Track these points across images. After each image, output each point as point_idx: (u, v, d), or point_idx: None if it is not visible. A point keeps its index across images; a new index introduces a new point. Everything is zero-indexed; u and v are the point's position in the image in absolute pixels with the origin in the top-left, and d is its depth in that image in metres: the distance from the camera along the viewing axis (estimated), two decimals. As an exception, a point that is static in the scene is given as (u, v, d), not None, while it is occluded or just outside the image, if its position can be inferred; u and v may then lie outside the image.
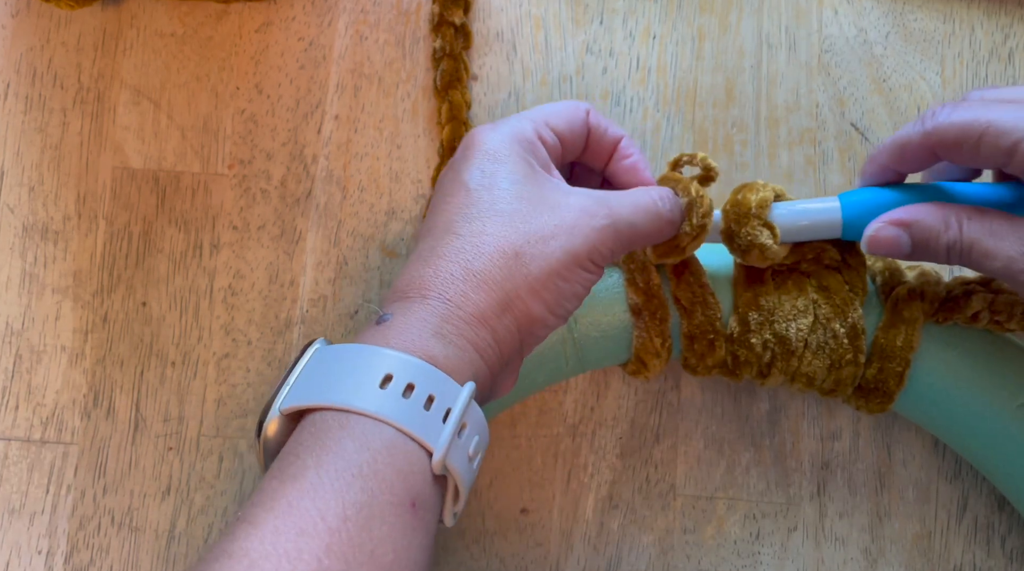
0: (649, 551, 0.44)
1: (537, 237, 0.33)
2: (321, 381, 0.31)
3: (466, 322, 0.32)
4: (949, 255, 0.35)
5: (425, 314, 0.32)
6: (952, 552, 0.43)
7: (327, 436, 0.29)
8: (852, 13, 0.46)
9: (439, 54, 0.45)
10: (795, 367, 0.39)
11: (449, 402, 0.31)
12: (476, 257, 0.33)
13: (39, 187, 0.45)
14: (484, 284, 0.32)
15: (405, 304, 0.32)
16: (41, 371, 0.44)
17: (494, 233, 0.33)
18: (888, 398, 0.39)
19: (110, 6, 0.46)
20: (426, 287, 0.32)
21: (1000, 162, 0.34)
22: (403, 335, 0.31)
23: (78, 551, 0.43)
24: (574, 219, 0.34)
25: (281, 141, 0.45)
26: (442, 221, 0.34)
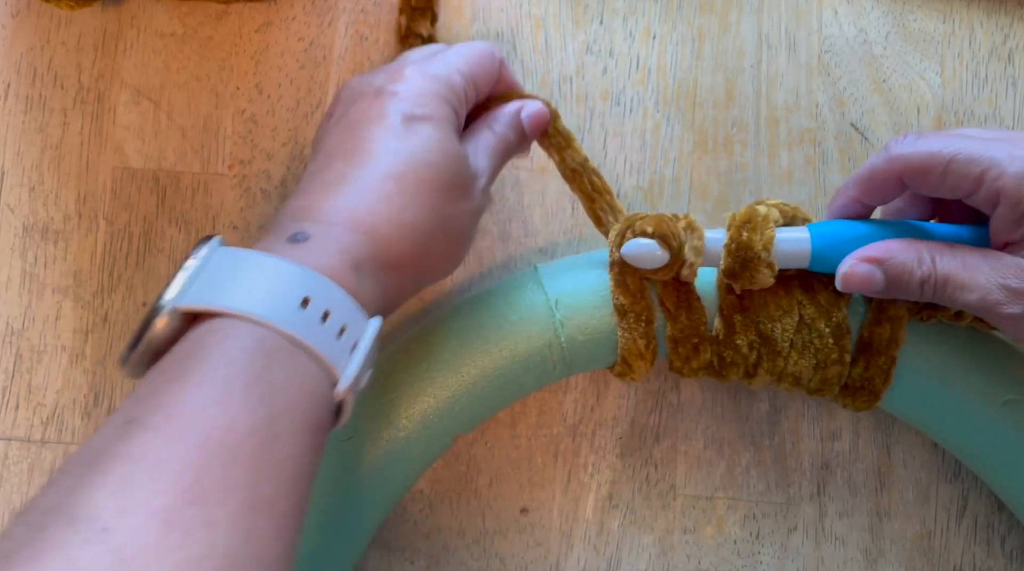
0: (649, 551, 0.44)
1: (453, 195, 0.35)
2: (232, 285, 0.29)
3: (384, 266, 0.32)
4: (923, 290, 0.35)
5: (347, 246, 0.32)
6: (952, 552, 0.43)
7: (237, 345, 0.28)
8: (852, 13, 0.46)
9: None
10: (781, 367, 0.39)
11: (357, 335, 0.31)
12: (408, 206, 0.33)
13: (39, 187, 0.45)
14: (411, 234, 0.33)
15: (324, 229, 0.32)
16: (41, 371, 0.44)
17: (426, 184, 0.34)
18: (875, 396, 0.39)
19: (110, 6, 0.46)
20: (353, 222, 0.32)
21: (966, 191, 0.34)
22: (323, 260, 0.31)
23: (78, 551, 0.43)
24: (472, 178, 0.36)
25: (281, 141, 0.45)
26: (365, 142, 0.34)
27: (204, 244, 0.31)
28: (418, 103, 0.35)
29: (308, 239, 0.31)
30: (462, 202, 0.35)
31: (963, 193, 0.34)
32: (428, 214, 0.33)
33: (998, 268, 0.34)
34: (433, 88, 0.36)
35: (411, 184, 0.33)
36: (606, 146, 0.45)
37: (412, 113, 0.35)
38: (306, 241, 0.31)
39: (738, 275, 0.37)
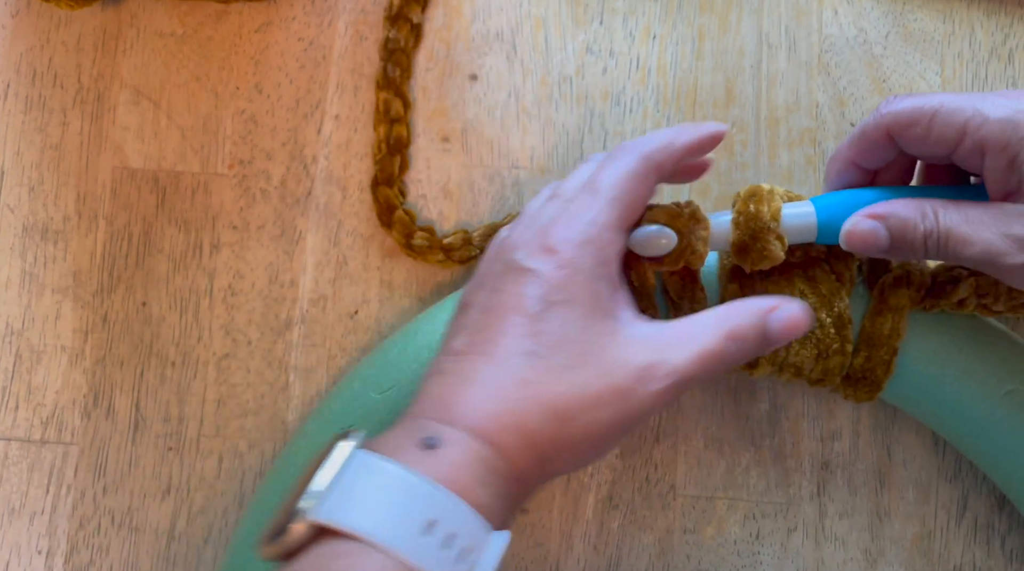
0: (649, 551, 0.44)
1: (590, 403, 0.32)
2: (359, 502, 0.30)
3: (507, 478, 0.31)
4: (927, 245, 0.35)
5: (477, 457, 0.31)
6: (952, 552, 0.43)
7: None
8: (852, 13, 0.46)
9: (391, 46, 0.45)
10: (783, 357, 0.39)
11: (477, 557, 0.30)
12: (534, 414, 0.31)
13: (39, 187, 0.45)
14: (534, 446, 0.31)
15: (455, 434, 0.31)
16: (41, 371, 0.44)
17: (555, 391, 0.32)
18: (876, 386, 0.39)
19: (110, 6, 0.46)
20: (483, 428, 0.31)
21: (951, 141, 0.34)
22: (453, 474, 0.30)
23: (78, 551, 0.43)
24: (628, 384, 0.32)
25: (281, 141, 0.45)
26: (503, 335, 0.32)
27: (344, 441, 0.31)
28: (560, 288, 0.33)
29: (438, 447, 0.31)
30: (603, 411, 0.32)
31: (949, 145, 0.34)
32: (557, 426, 0.31)
33: (1001, 218, 0.34)
34: (583, 263, 0.33)
35: (540, 392, 0.32)
36: (606, 146, 0.45)
37: (552, 299, 0.33)
38: (436, 449, 0.31)
39: (748, 249, 0.37)
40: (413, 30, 0.45)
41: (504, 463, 0.31)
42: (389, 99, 0.44)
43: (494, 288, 0.34)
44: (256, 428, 0.44)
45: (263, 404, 0.44)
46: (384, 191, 0.44)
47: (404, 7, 0.45)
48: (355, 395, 0.40)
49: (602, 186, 0.35)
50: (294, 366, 0.44)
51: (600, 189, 0.35)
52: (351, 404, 0.40)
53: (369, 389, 0.40)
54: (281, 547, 0.30)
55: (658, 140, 0.36)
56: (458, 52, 0.46)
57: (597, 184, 0.35)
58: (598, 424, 0.32)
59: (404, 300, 0.44)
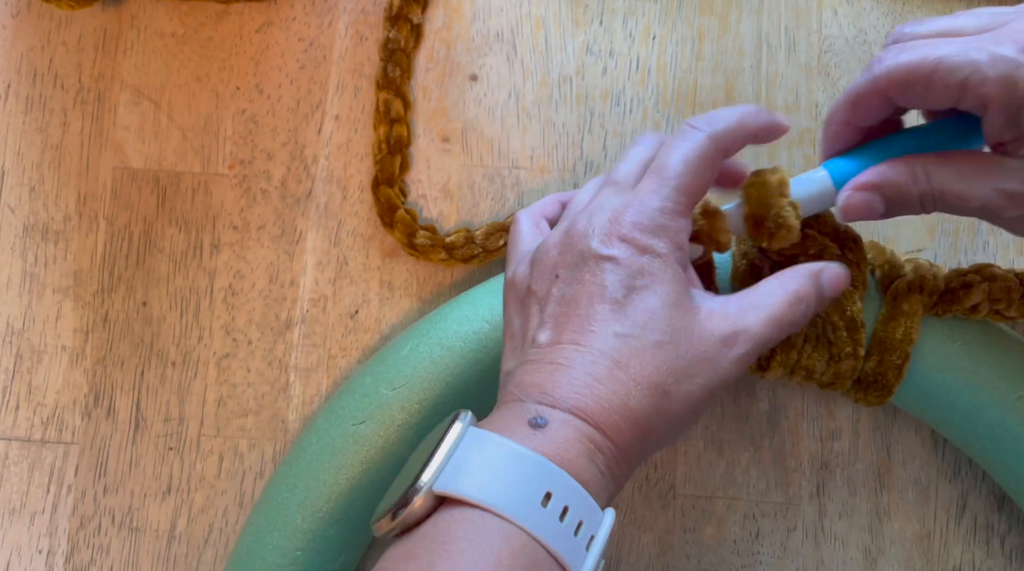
0: (649, 551, 0.44)
1: (683, 373, 0.33)
2: (482, 474, 0.31)
3: (613, 455, 0.32)
4: (924, 205, 0.35)
5: (582, 436, 0.32)
6: (951, 552, 0.43)
7: (485, 543, 0.29)
8: (852, 14, 0.46)
9: (391, 46, 0.45)
10: (794, 360, 0.39)
11: (593, 529, 0.31)
12: (633, 392, 0.33)
13: (40, 187, 0.45)
14: (635, 422, 0.33)
15: (561, 415, 0.32)
16: (42, 371, 0.44)
17: (650, 367, 0.33)
18: (887, 391, 0.39)
19: (110, 6, 0.46)
20: (585, 408, 0.32)
21: (953, 98, 0.34)
22: (562, 450, 0.31)
23: (78, 551, 0.43)
24: (715, 351, 0.34)
25: (281, 141, 0.45)
26: (590, 323, 0.33)
27: (457, 420, 0.32)
28: (639, 271, 0.34)
29: (546, 426, 0.32)
30: (696, 379, 0.33)
31: (950, 101, 0.34)
32: (655, 399, 0.33)
33: (995, 173, 0.34)
34: (654, 245, 0.34)
35: (637, 371, 0.33)
36: (606, 146, 0.45)
37: (633, 284, 0.33)
38: (545, 427, 0.32)
39: (763, 220, 0.37)
40: (413, 30, 0.45)
41: (608, 443, 0.32)
42: (389, 99, 0.44)
43: (571, 279, 0.34)
44: (256, 428, 0.44)
45: (263, 404, 0.44)
46: (385, 191, 0.44)
47: (404, 7, 0.45)
48: (367, 391, 0.40)
49: (670, 170, 0.35)
50: (294, 366, 0.44)
51: (668, 174, 0.35)
52: (363, 400, 0.40)
53: (380, 385, 0.40)
54: (403, 520, 0.31)
55: (728, 122, 0.36)
56: (458, 52, 0.46)
57: (665, 167, 0.35)
58: (692, 393, 0.33)
59: (404, 300, 0.45)
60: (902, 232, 0.45)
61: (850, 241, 0.39)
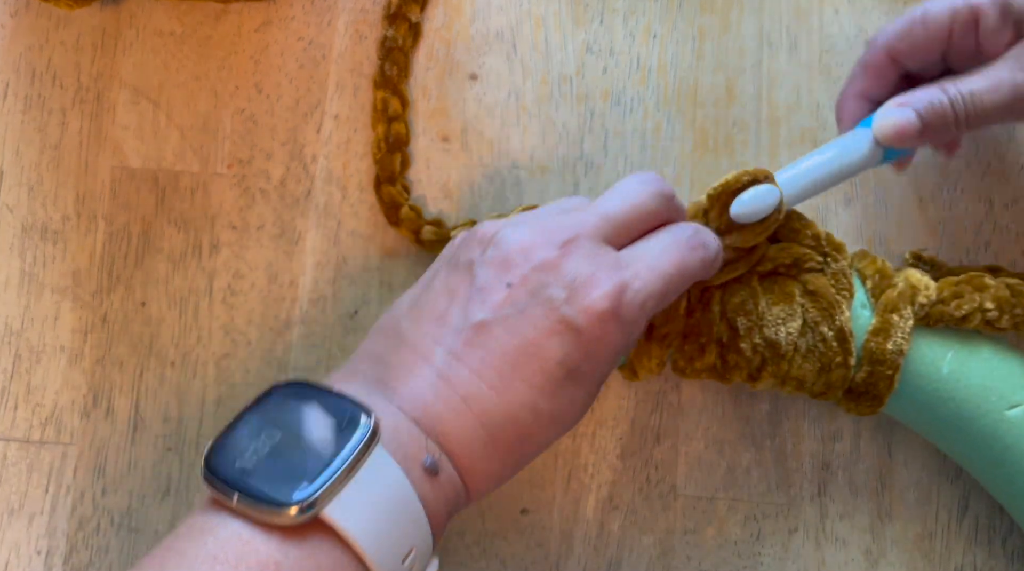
0: (649, 552, 0.43)
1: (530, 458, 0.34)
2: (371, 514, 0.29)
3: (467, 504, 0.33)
4: (956, 113, 0.36)
5: (456, 495, 0.32)
6: (953, 553, 0.43)
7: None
8: (853, 13, 0.46)
9: (389, 44, 0.45)
10: (785, 370, 0.39)
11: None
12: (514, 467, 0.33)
13: (38, 187, 0.45)
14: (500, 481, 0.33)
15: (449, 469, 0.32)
16: (40, 371, 0.44)
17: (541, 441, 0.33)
18: (878, 401, 0.39)
19: (109, 6, 0.46)
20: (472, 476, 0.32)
21: (945, 27, 0.37)
22: (439, 507, 0.31)
23: (77, 551, 0.43)
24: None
25: (280, 141, 0.45)
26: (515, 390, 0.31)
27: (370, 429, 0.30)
28: (588, 358, 0.32)
29: (438, 474, 0.31)
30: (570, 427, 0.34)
31: (944, 30, 0.37)
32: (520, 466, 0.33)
33: (1009, 62, 0.36)
34: (615, 340, 0.32)
35: (531, 445, 0.33)
36: (606, 146, 0.45)
37: (576, 368, 0.32)
38: (436, 476, 0.31)
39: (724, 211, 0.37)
40: (411, 29, 0.45)
41: (473, 495, 0.33)
42: (387, 97, 0.44)
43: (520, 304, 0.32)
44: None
45: (263, 404, 0.44)
46: (388, 189, 0.44)
47: (402, 6, 0.45)
48: None
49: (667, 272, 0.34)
50: (294, 366, 0.44)
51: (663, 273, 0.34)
52: None
53: None
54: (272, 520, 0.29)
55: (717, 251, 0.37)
56: (458, 52, 0.46)
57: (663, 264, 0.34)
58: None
59: (404, 300, 0.44)
60: (904, 231, 0.45)
61: (832, 249, 0.39)
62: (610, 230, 0.34)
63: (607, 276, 0.32)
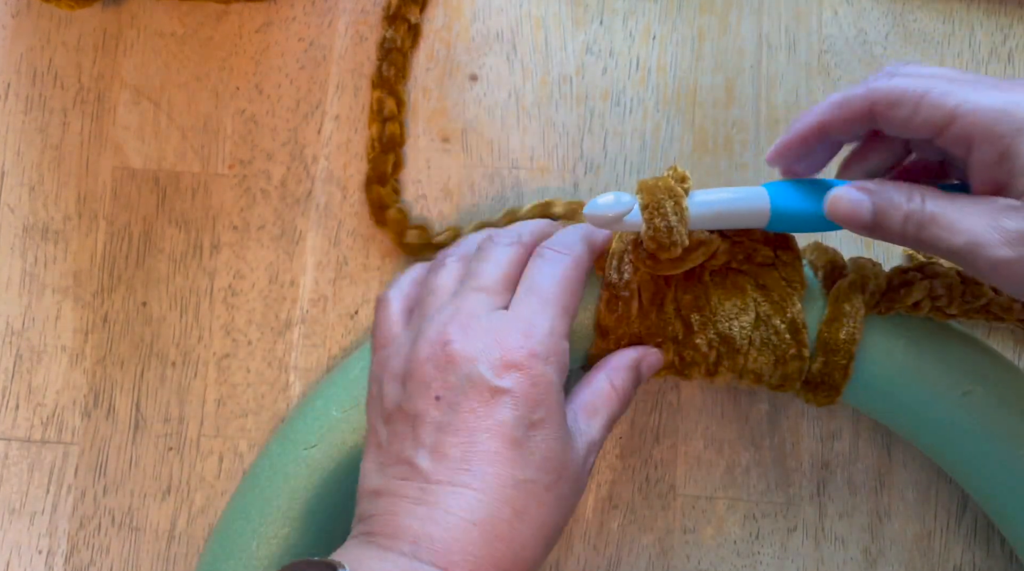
0: (649, 551, 0.44)
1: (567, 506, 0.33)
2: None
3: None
4: (906, 227, 0.33)
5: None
6: (952, 552, 0.43)
7: None
8: (852, 13, 0.46)
9: (387, 45, 0.45)
10: (741, 364, 0.39)
11: None
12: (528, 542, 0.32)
13: (39, 187, 0.45)
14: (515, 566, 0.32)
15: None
16: (41, 371, 0.44)
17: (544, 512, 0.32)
18: (835, 391, 0.39)
19: (110, 6, 0.46)
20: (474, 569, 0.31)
21: (937, 125, 0.32)
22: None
23: (78, 551, 0.43)
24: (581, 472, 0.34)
25: (281, 141, 0.45)
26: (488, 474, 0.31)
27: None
28: (538, 407, 0.32)
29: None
30: (572, 503, 0.33)
31: (935, 128, 0.32)
32: (543, 542, 0.32)
33: (992, 209, 0.31)
34: (552, 377, 0.33)
35: (533, 518, 0.32)
36: (606, 146, 0.45)
37: (532, 420, 0.32)
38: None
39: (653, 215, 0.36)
40: (411, 30, 0.45)
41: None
42: (382, 98, 0.44)
43: (456, 405, 0.32)
44: (256, 428, 0.44)
45: (263, 404, 0.44)
46: (377, 189, 0.44)
47: (402, 7, 0.45)
48: (317, 414, 0.40)
49: (549, 291, 0.35)
50: (294, 366, 0.44)
51: (547, 295, 0.35)
52: (313, 423, 0.40)
53: (331, 407, 0.40)
54: None
55: (582, 242, 0.36)
56: (458, 52, 0.46)
57: (543, 288, 0.35)
58: (566, 517, 0.33)
59: (404, 300, 0.44)
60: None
61: (782, 241, 0.39)
62: (495, 296, 0.35)
63: (509, 332, 0.33)
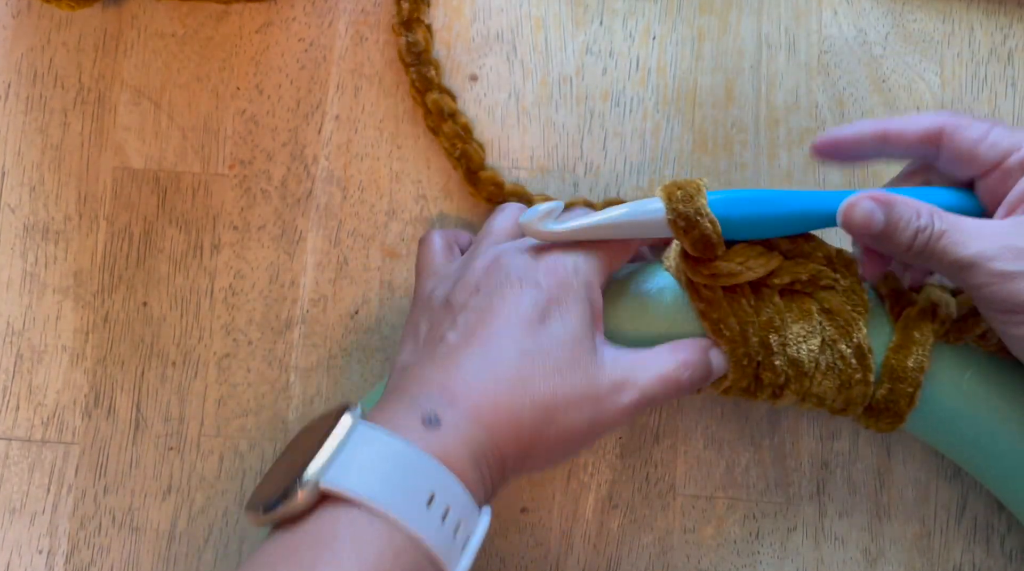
0: (649, 551, 0.44)
1: (572, 404, 0.35)
2: (370, 473, 0.31)
3: (496, 462, 0.34)
4: (915, 241, 0.35)
5: (472, 438, 0.33)
6: (952, 551, 0.43)
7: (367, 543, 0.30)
8: (852, 14, 0.46)
9: (415, 49, 0.44)
10: (807, 387, 0.38)
11: (470, 529, 0.32)
12: (526, 408, 0.34)
13: (40, 187, 0.45)
14: (520, 438, 0.34)
15: (455, 414, 0.33)
16: (42, 371, 0.44)
17: (545, 389, 0.34)
18: (899, 418, 0.39)
19: (111, 7, 0.46)
20: (479, 413, 0.34)
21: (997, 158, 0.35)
22: (451, 451, 0.32)
23: (79, 551, 0.43)
24: (604, 393, 0.36)
25: (281, 141, 0.45)
26: (501, 334, 0.35)
27: (346, 413, 0.33)
28: (556, 300, 0.36)
29: (440, 425, 0.33)
30: (582, 413, 0.35)
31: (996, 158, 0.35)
32: (543, 422, 0.34)
33: (1004, 228, 0.34)
34: (572, 282, 0.37)
35: (535, 388, 0.34)
36: (606, 146, 0.45)
37: (548, 310, 0.36)
38: (438, 427, 0.33)
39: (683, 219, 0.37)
40: (428, 30, 0.45)
41: (494, 449, 0.34)
42: (438, 98, 0.44)
43: (490, 293, 0.36)
44: (257, 428, 0.44)
45: (264, 404, 0.44)
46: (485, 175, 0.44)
47: (414, 11, 0.45)
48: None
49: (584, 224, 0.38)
50: (295, 366, 0.44)
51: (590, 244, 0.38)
52: None
53: None
54: (283, 513, 0.31)
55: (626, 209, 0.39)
56: (458, 52, 0.46)
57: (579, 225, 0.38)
58: (574, 426, 0.35)
59: (404, 300, 0.45)
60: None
61: (843, 265, 0.39)
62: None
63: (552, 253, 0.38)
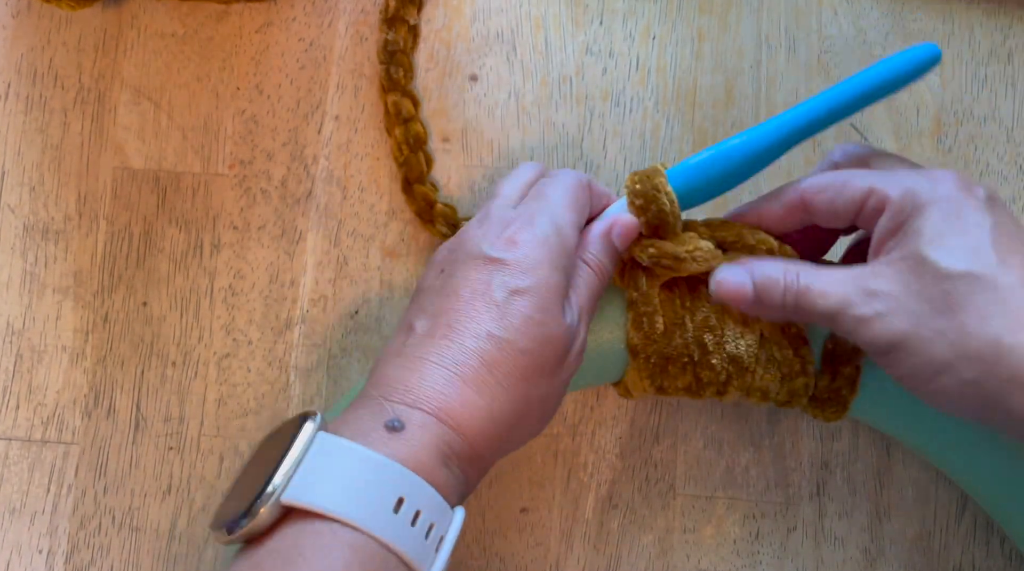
0: (649, 551, 0.44)
1: (542, 382, 0.35)
2: (332, 483, 0.31)
3: (468, 457, 0.33)
4: (785, 298, 0.36)
5: (439, 439, 0.33)
6: (951, 552, 0.43)
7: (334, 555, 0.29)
8: (852, 13, 0.46)
9: (391, 48, 0.45)
10: (749, 383, 0.39)
11: (443, 530, 0.32)
12: (497, 396, 0.34)
13: (40, 187, 0.45)
14: (494, 425, 0.34)
15: (420, 416, 0.33)
16: (42, 371, 0.44)
17: (516, 372, 0.34)
18: (843, 406, 0.39)
19: (111, 7, 0.46)
20: (445, 409, 0.33)
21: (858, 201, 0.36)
22: (417, 454, 0.32)
23: (79, 551, 0.43)
24: (571, 357, 0.36)
25: (281, 141, 0.45)
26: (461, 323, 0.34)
27: (307, 422, 0.32)
28: (525, 275, 0.35)
29: (403, 429, 0.32)
30: (554, 379, 0.35)
31: (855, 204, 0.36)
32: (517, 404, 0.34)
33: (859, 274, 0.35)
34: (544, 256, 0.35)
35: (504, 375, 0.34)
36: (606, 146, 0.45)
37: (516, 287, 0.35)
38: (401, 431, 0.32)
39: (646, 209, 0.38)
40: (411, 31, 0.45)
41: (464, 445, 0.33)
42: (398, 100, 0.44)
43: (453, 273, 0.36)
44: (257, 428, 0.44)
45: (264, 404, 0.44)
46: (419, 189, 0.44)
47: (400, 9, 0.45)
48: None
49: (552, 197, 0.37)
50: (295, 366, 0.44)
51: (551, 199, 0.37)
52: None
53: None
54: (247, 532, 0.30)
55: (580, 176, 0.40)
56: (458, 52, 0.46)
57: (547, 194, 0.38)
58: (545, 401, 0.35)
59: (404, 300, 0.45)
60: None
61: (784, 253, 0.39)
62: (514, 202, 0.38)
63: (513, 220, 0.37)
